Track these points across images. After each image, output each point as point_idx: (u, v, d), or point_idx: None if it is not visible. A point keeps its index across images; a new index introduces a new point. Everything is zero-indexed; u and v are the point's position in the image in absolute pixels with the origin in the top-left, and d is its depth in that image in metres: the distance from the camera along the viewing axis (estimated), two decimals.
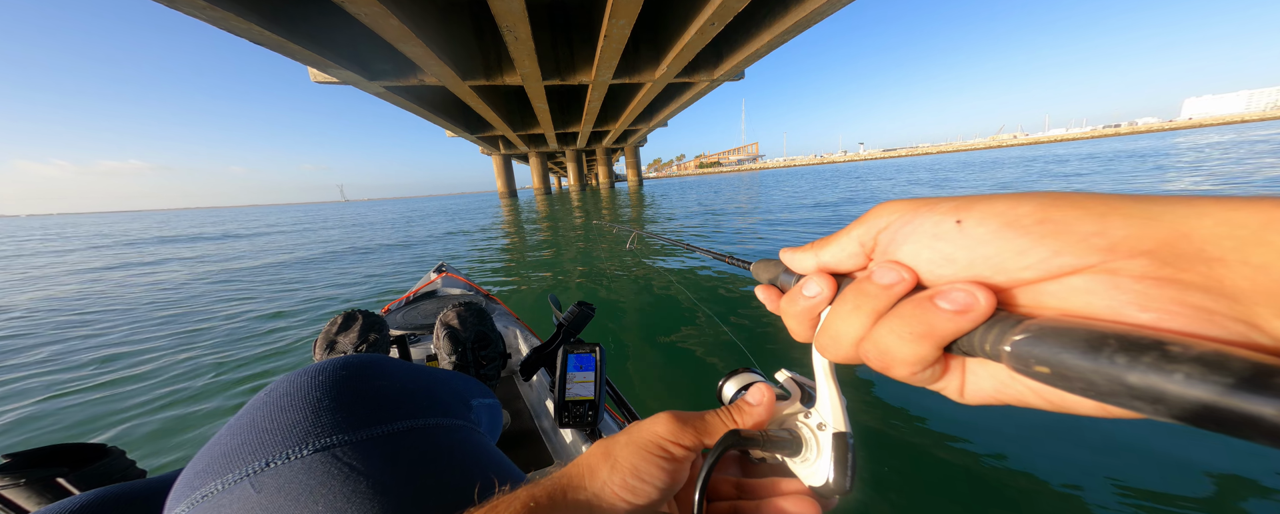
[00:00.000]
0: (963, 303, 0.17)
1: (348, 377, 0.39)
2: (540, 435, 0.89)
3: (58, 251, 10.87)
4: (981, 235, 0.17)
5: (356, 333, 0.89)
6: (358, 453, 0.33)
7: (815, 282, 0.22)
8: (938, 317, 0.17)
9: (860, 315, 0.20)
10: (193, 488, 0.31)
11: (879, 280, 0.19)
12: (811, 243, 0.23)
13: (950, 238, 0.18)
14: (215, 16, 5.68)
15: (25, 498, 0.50)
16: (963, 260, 0.17)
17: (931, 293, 0.18)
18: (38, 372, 2.57)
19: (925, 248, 0.18)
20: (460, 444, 0.40)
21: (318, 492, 0.30)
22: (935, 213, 0.18)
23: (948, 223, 0.18)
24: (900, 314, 0.18)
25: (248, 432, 0.34)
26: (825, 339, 0.22)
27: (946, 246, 0.18)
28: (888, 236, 0.20)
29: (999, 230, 0.16)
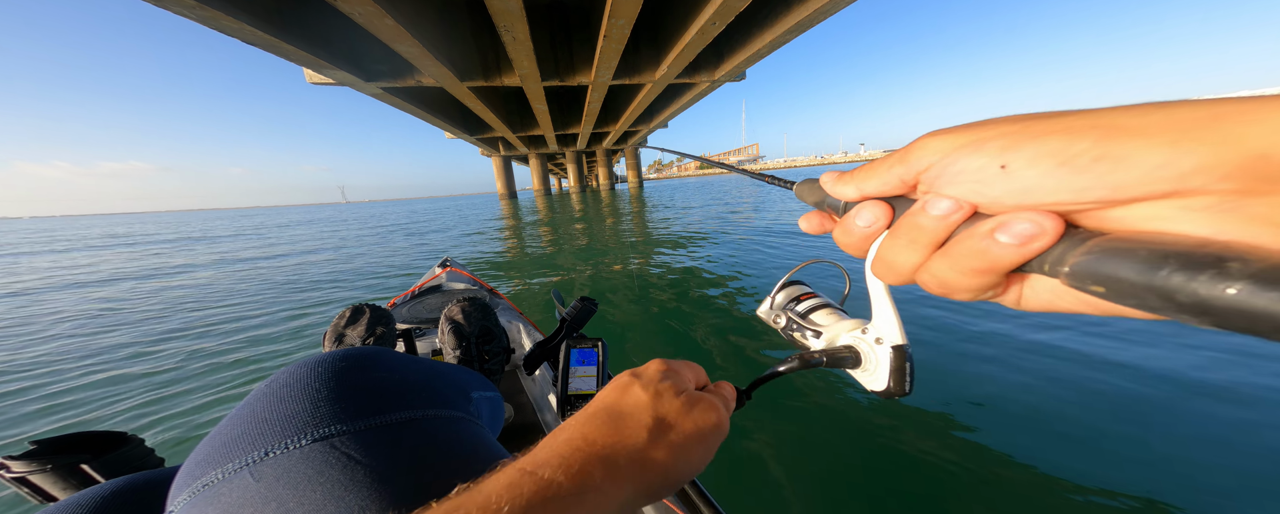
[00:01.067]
0: (1027, 234, 0.16)
1: (347, 368, 0.39)
2: (543, 429, 0.90)
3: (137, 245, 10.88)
4: (1032, 178, 0.16)
5: (364, 326, 0.90)
6: (356, 443, 0.33)
7: (869, 210, 0.22)
8: (1000, 250, 0.17)
9: (916, 248, 0.20)
10: (194, 477, 0.32)
11: (933, 211, 0.19)
12: (853, 171, 0.23)
13: (997, 182, 0.17)
14: (205, 16, 5.57)
15: (51, 483, 0.51)
16: (1014, 200, 0.17)
17: (992, 226, 0.17)
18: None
19: (971, 192, 0.18)
20: (459, 436, 0.40)
21: (316, 481, 0.30)
22: (980, 154, 0.17)
23: (992, 168, 0.17)
24: (959, 247, 0.18)
25: (248, 422, 0.34)
26: (880, 267, 0.22)
27: (995, 190, 0.17)
28: (931, 177, 0.19)
29: (1052, 171, 0.15)
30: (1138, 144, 0.14)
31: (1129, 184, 0.14)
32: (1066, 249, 0.15)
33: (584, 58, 10.68)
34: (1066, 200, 0.15)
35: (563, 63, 10.79)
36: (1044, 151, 0.15)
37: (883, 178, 0.21)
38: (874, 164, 0.21)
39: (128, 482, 0.44)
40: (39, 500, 0.52)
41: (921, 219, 0.19)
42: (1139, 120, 0.14)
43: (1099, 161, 0.14)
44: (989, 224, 0.17)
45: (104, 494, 0.41)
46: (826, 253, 3.74)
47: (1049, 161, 0.15)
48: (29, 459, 0.51)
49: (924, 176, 0.19)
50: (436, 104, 15.02)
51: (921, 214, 0.19)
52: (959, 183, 0.18)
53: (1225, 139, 0.13)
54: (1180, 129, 0.13)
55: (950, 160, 0.18)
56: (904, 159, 0.20)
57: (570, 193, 39.93)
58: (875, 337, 0.27)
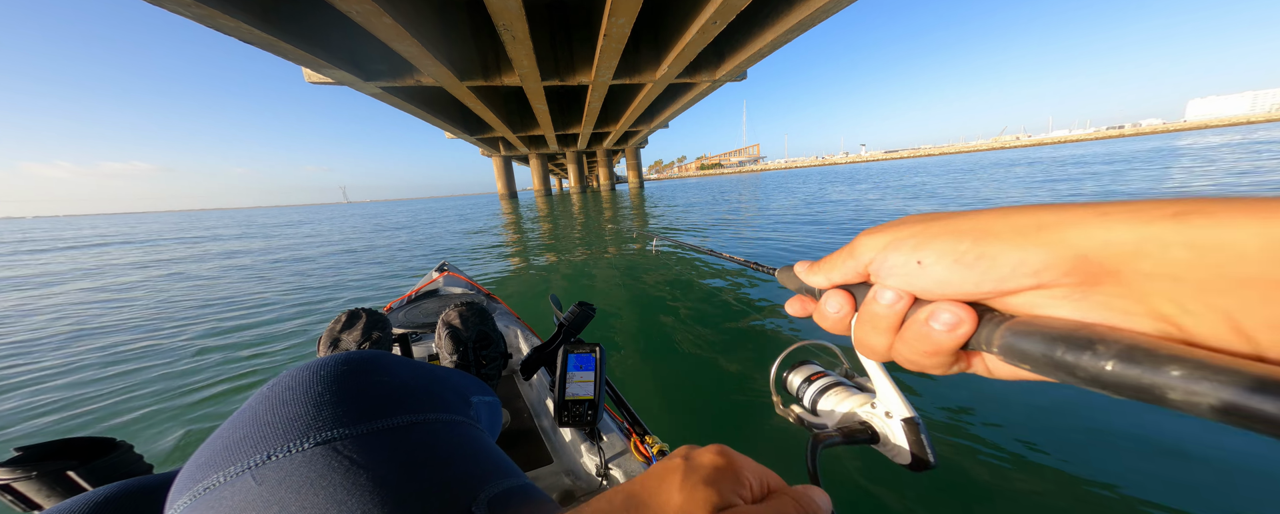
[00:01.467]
0: (950, 322, 0.19)
1: (349, 372, 0.39)
2: (540, 434, 0.89)
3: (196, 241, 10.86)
4: (941, 272, 0.19)
5: (360, 331, 0.89)
6: (358, 446, 0.33)
7: (834, 300, 0.25)
8: (937, 335, 0.20)
9: (878, 333, 0.23)
10: (195, 480, 0.32)
11: (881, 301, 0.22)
12: (821, 262, 0.26)
13: (920, 275, 0.20)
14: (202, 14, 5.52)
15: (35, 491, 0.50)
16: (937, 288, 0.20)
17: (926, 314, 0.20)
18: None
19: (904, 280, 0.21)
20: (460, 440, 0.40)
21: (318, 484, 0.30)
22: (901, 253, 0.21)
23: (912, 264, 0.20)
24: (909, 332, 0.21)
25: (249, 425, 0.34)
26: (860, 348, 0.25)
27: (920, 280, 0.20)
28: (875, 269, 0.23)
29: (952, 266, 0.19)
30: (1000, 246, 0.17)
31: (1005, 278, 0.17)
32: (990, 332, 0.18)
33: (584, 57, 10.63)
34: (970, 291, 0.19)
35: (563, 62, 10.74)
36: (942, 250, 0.19)
37: (841, 269, 0.24)
38: (834, 257, 0.25)
39: (120, 488, 0.43)
40: (22, 509, 0.51)
41: (874, 307, 0.22)
42: (998, 224, 0.18)
43: (980, 260, 0.18)
44: (924, 312, 0.20)
45: (95, 502, 0.40)
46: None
47: (947, 259, 0.19)
48: (13, 466, 0.50)
49: (870, 268, 0.23)
50: (436, 104, 14.97)
51: (873, 303, 0.22)
52: (895, 275, 0.21)
53: (1051, 242, 0.16)
54: (1022, 234, 0.17)
55: (883, 257, 0.22)
56: (852, 254, 0.24)
57: (571, 193, 39.95)
58: (884, 410, 0.27)
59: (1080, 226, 0.16)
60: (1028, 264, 0.17)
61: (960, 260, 0.19)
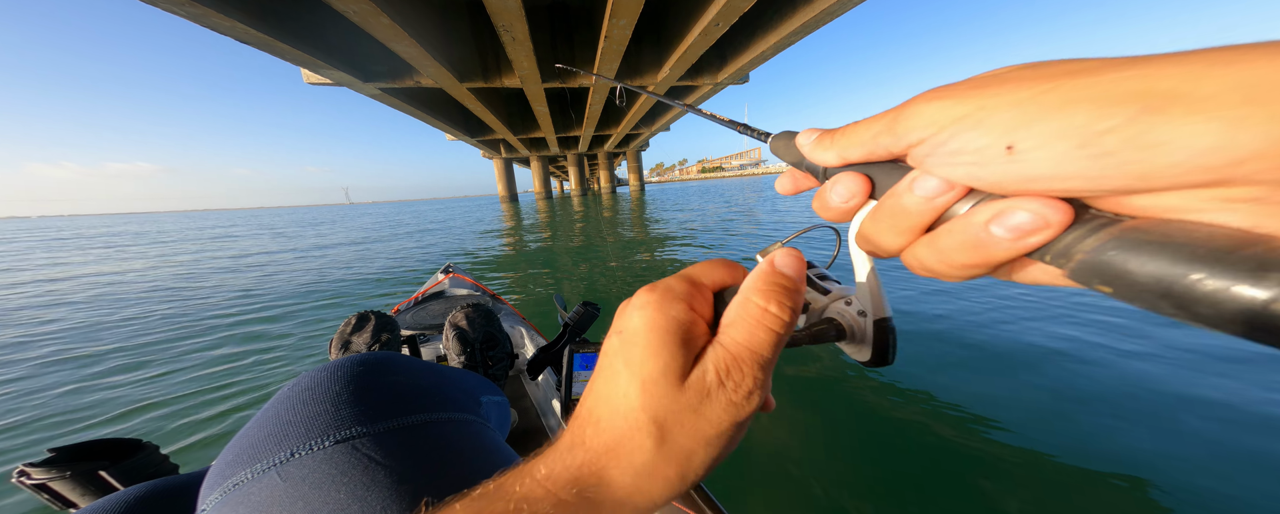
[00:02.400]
0: (1026, 228, 0.14)
1: (365, 372, 0.40)
2: (547, 434, 0.90)
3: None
4: (1042, 162, 0.13)
5: (370, 333, 0.91)
6: (376, 444, 0.34)
7: (845, 184, 0.19)
8: (994, 244, 0.15)
9: (898, 231, 0.18)
10: (224, 477, 0.33)
11: (919, 192, 0.16)
12: (835, 132, 0.20)
13: (998, 164, 0.14)
14: (196, 13, 5.44)
15: (71, 490, 0.51)
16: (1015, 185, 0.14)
17: (988, 216, 0.15)
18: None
19: (966, 174, 0.15)
20: (473, 438, 0.41)
21: (340, 481, 0.31)
22: (983, 130, 0.14)
23: (995, 149, 0.14)
24: (948, 236, 0.16)
25: (273, 424, 0.35)
26: (863, 242, 0.20)
27: (994, 173, 0.14)
28: (922, 153, 0.16)
29: (1067, 154, 0.12)
30: (1188, 123, 0.11)
31: (1161, 172, 0.11)
32: (1074, 241, 0.13)
33: (585, 59, 10.55)
34: (1079, 188, 0.13)
35: (564, 63, 10.65)
36: (1064, 128, 0.12)
37: (867, 145, 0.18)
38: (859, 126, 0.18)
39: (151, 488, 0.44)
40: (59, 507, 0.52)
41: (906, 200, 0.17)
42: (1197, 85, 0.11)
43: (1128, 145, 0.11)
44: (984, 213, 0.15)
45: (129, 500, 0.42)
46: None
47: (1066, 142, 0.12)
48: (49, 466, 0.52)
49: (914, 151, 0.16)
50: (437, 105, 14.91)
51: (907, 194, 0.17)
52: (954, 164, 0.15)
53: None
54: (1254, 98, 0.10)
55: (947, 136, 0.15)
56: (892, 128, 0.17)
57: (572, 195, 40.00)
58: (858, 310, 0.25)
59: None
60: (1231, 149, 0.10)
61: (1092, 143, 0.12)
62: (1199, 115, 0.10)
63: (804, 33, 8.90)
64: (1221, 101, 0.10)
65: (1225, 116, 0.10)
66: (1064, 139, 0.12)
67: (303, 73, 9.13)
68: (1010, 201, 0.14)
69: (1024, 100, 0.13)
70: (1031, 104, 0.13)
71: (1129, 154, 0.11)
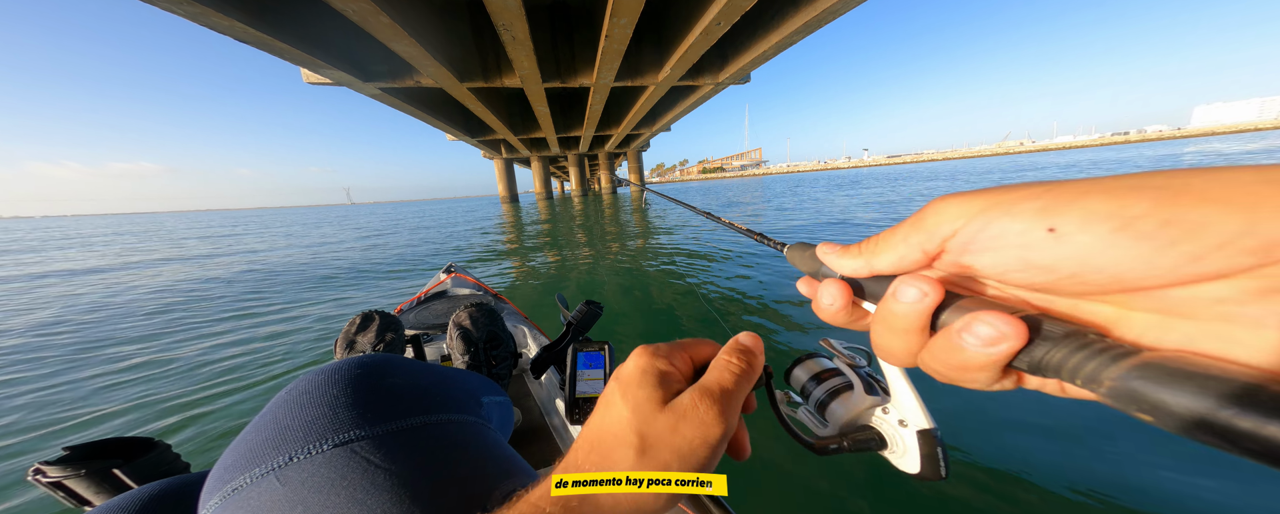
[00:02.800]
0: (987, 338, 0.15)
1: (363, 375, 0.40)
2: (551, 432, 0.90)
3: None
4: (1089, 243, 0.13)
5: (374, 332, 0.91)
6: (375, 447, 0.34)
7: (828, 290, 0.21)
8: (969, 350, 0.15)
9: (896, 336, 0.18)
10: (224, 482, 0.33)
11: (902, 298, 0.17)
12: (862, 243, 0.21)
13: (1043, 248, 0.14)
14: (193, 12, 5.40)
15: (85, 488, 0.52)
16: (1067, 267, 0.14)
17: (961, 325, 0.16)
18: None
19: (1013, 260, 0.15)
20: (473, 439, 0.41)
21: (339, 484, 0.31)
22: (1018, 216, 0.14)
23: (1037, 231, 0.14)
24: (936, 342, 0.17)
25: (271, 428, 0.35)
26: (877, 351, 0.21)
27: (1040, 258, 0.14)
28: (959, 243, 0.16)
29: (1109, 237, 0.13)
30: (1213, 211, 0.12)
31: (1205, 254, 0.12)
32: (1099, 365, 0.13)
33: (586, 59, 10.51)
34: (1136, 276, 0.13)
35: (564, 64, 10.62)
36: (1096, 213, 0.13)
37: (898, 251, 0.18)
38: (886, 236, 0.19)
39: (164, 486, 0.44)
40: (73, 504, 0.53)
41: (893, 306, 0.18)
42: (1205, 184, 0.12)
43: (1167, 227, 0.12)
44: (959, 324, 0.16)
45: (143, 498, 0.42)
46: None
47: (1104, 225, 0.13)
48: (63, 464, 0.52)
49: (951, 244, 0.16)
50: (437, 105, 14.89)
51: (892, 301, 0.18)
52: (999, 248, 0.15)
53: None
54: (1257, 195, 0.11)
55: (981, 223, 0.15)
56: (920, 225, 0.17)
57: (572, 195, 39.97)
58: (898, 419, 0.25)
59: None
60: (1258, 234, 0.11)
61: (1130, 226, 0.12)
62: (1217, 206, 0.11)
63: (806, 32, 8.84)
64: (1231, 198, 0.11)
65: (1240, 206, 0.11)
66: (1100, 222, 0.13)
67: (302, 72, 9.10)
68: (973, 314, 0.15)
69: (1040, 193, 0.14)
70: (1049, 195, 0.14)
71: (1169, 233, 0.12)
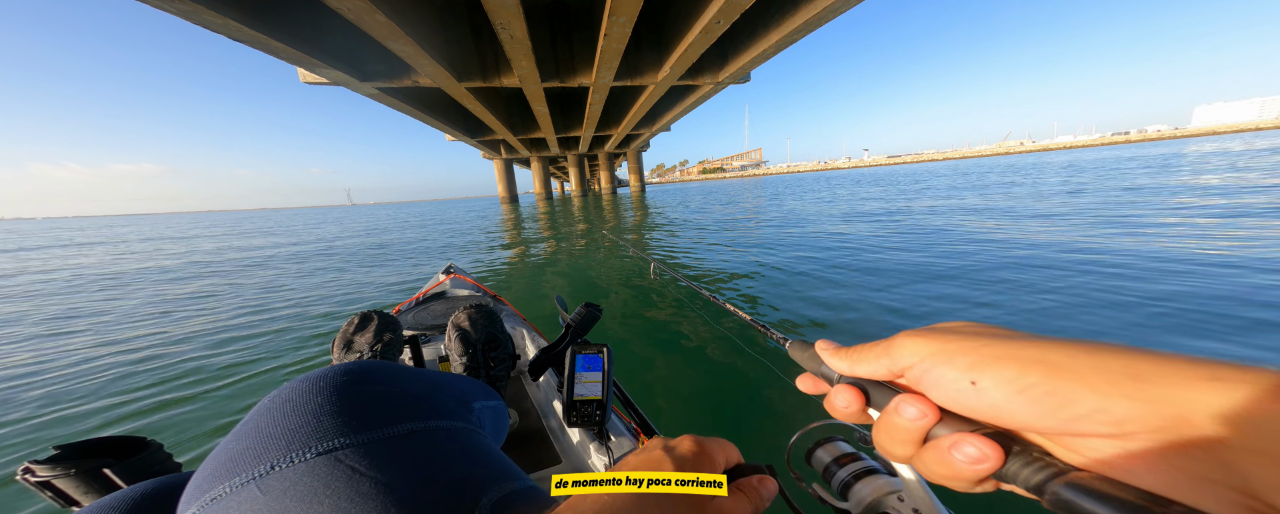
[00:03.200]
0: (973, 458, 0.18)
1: (348, 382, 0.40)
2: (548, 435, 0.90)
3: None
4: (999, 399, 0.18)
5: (372, 333, 0.91)
6: (360, 455, 0.34)
7: (842, 396, 0.25)
8: (957, 465, 0.19)
9: (896, 443, 0.22)
10: (202, 491, 0.33)
11: (904, 415, 0.21)
12: (850, 350, 0.26)
13: (971, 396, 0.19)
14: (185, 10, 5.34)
15: (74, 488, 0.51)
16: (985, 412, 0.19)
17: (950, 442, 0.19)
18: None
19: (949, 397, 0.20)
20: (462, 446, 0.41)
21: (322, 494, 0.31)
22: (952, 369, 0.19)
23: (963, 382, 0.19)
24: (930, 453, 0.20)
25: (253, 437, 0.35)
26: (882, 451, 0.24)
27: (968, 401, 0.19)
28: (914, 376, 0.21)
29: (1012, 397, 0.17)
30: (1078, 388, 0.16)
31: (1077, 420, 0.16)
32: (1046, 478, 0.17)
33: (585, 58, 10.44)
34: (1032, 425, 0.17)
35: (563, 63, 10.56)
36: (1003, 377, 0.18)
37: (872, 365, 0.24)
38: (865, 349, 0.24)
39: (154, 486, 0.44)
40: (61, 504, 0.52)
41: (895, 419, 0.21)
42: (1078, 361, 0.16)
43: (1050, 397, 0.16)
44: (947, 441, 0.19)
45: (133, 499, 0.41)
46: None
47: (1009, 388, 0.17)
48: (53, 463, 0.51)
49: (909, 373, 0.22)
50: (436, 105, 14.82)
51: (895, 414, 0.21)
52: (941, 388, 0.20)
53: (1148, 398, 0.15)
54: (1110, 380, 0.15)
55: (928, 365, 0.20)
56: (888, 353, 0.23)
57: (572, 196, 39.94)
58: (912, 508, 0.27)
59: (1187, 387, 0.14)
60: (1110, 413, 0.15)
61: (1024, 393, 0.17)
62: (1081, 385, 0.16)
63: (806, 30, 8.77)
64: (1092, 379, 0.15)
65: (1097, 389, 0.15)
66: (1006, 385, 0.17)
67: (299, 72, 9.04)
68: (960, 435, 0.19)
69: (971, 351, 0.19)
70: (975, 354, 0.19)
71: (1049, 403, 0.16)
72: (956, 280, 3.21)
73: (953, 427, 0.19)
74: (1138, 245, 3.82)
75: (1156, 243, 3.85)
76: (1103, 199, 7.41)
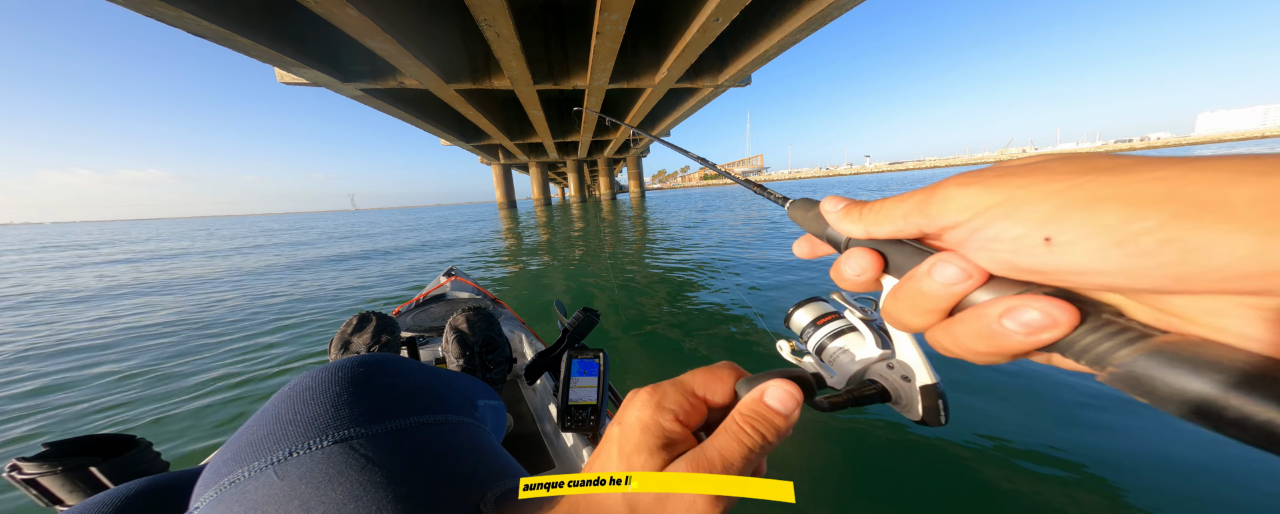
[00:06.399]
0: (1036, 325, 0.14)
1: (365, 374, 0.41)
2: (542, 439, 0.90)
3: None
4: (1081, 257, 0.13)
5: (370, 334, 0.92)
6: (373, 445, 0.35)
7: (858, 259, 0.20)
8: (1006, 336, 0.15)
9: (918, 313, 0.18)
10: (221, 474, 0.33)
11: (939, 278, 0.17)
12: (864, 206, 0.21)
13: (1037, 255, 0.14)
14: (136, 2, 4.92)
15: (59, 486, 0.51)
16: (1054, 274, 0.14)
17: (1001, 310, 0.15)
18: None
19: (1000, 259, 0.15)
20: (468, 440, 0.41)
21: (336, 480, 0.32)
22: (1016, 222, 0.14)
23: (1032, 239, 0.14)
24: (965, 323, 0.16)
25: (272, 423, 0.36)
26: (886, 318, 0.20)
27: (1030, 261, 0.14)
28: (958, 237, 0.16)
29: (1106, 251, 0.13)
30: (1220, 232, 0.11)
31: (1201, 276, 0.11)
32: (1109, 349, 0.13)
33: (579, 60, 10.04)
34: (1119, 284, 0.13)
35: (557, 65, 10.15)
36: (1098, 225, 0.13)
37: (897, 224, 0.19)
38: (889, 204, 0.19)
39: (141, 485, 0.44)
40: (45, 503, 0.52)
41: (925, 285, 0.17)
42: (1223, 193, 0.11)
43: (1166, 246, 0.12)
44: (998, 307, 0.15)
45: (120, 498, 0.42)
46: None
47: (1103, 239, 0.13)
48: (40, 461, 0.51)
49: (949, 234, 0.17)
50: (427, 108, 14.43)
51: (925, 279, 0.17)
52: (992, 250, 0.15)
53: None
54: (1275, 214, 0.11)
55: (982, 222, 0.15)
56: (925, 208, 0.17)
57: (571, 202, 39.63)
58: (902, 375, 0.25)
59: None
60: (1266, 260, 0.11)
61: (1129, 242, 0.12)
62: (1233, 224, 0.11)
63: (807, 30, 8.34)
64: (1251, 215, 0.11)
65: (1256, 228, 0.10)
66: (1102, 236, 0.12)
67: (276, 72, 8.64)
68: (1021, 298, 0.15)
69: (1052, 193, 0.13)
70: (1060, 198, 0.13)
71: (1168, 256, 0.11)
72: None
73: (999, 290, 0.16)
74: None
75: None
76: None
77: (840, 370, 0.28)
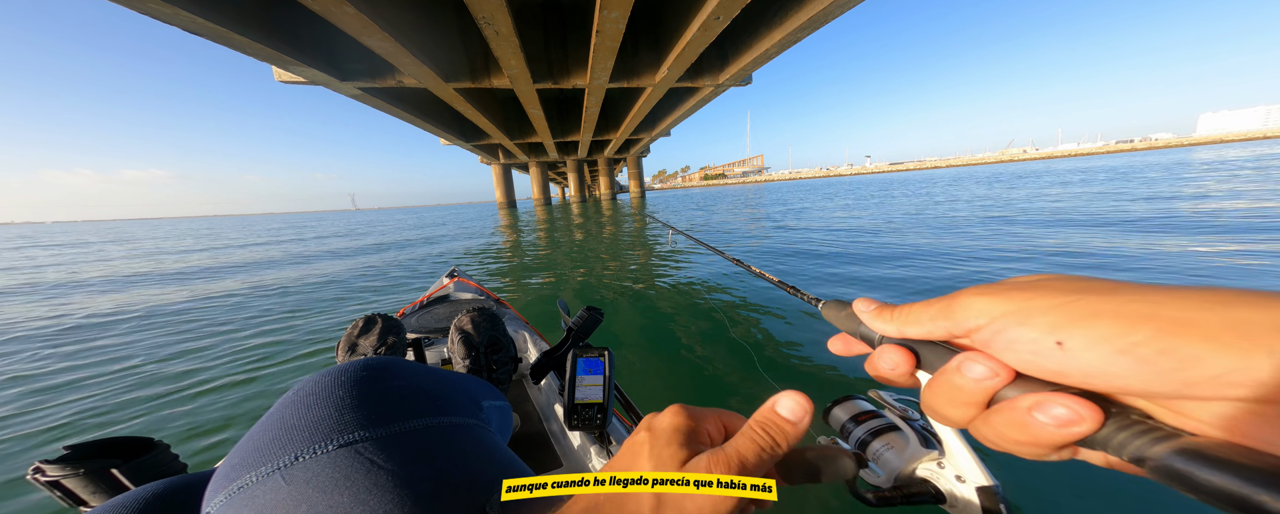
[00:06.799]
0: (1064, 420, 0.16)
1: (369, 377, 0.41)
2: (549, 438, 0.91)
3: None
4: (1093, 361, 0.15)
5: (376, 336, 0.93)
6: (379, 448, 0.35)
7: (891, 356, 0.22)
8: (1038, 428, 0.16)
9: (954, 406, 0.19)
10: (229, 480, 0.34)
11: (969, 374, 0.18)
12: (898, 309, 0.23)
13: (1055, 357, 0.16)
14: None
15: (82, 488, 0.52)
16: (1074, 375, 0.16)
17: (1031, 403, 0.16)
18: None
19: (1025, 359, 0.17)
20: (473, 442, 0.42)
21: (343, 484, 0.32)
22: (1031, 329, 0.16)
23: (1046, 343, 0.16)
24: (1000, 415, 0.17)
25: (278, 428, 0.36)
26: (928, 413, 0.22)
27: (1051, 363, 0.16)
28: (982, 339, 0.18)
29: (1111, 358, 0.14)
30: (1204, 346, 0.13)
31: (1198, 384, 0.13)
32: (1146, 443, 0.14)
33: (579, 59, 9.99)
34: (1137, 388, 0.15)
35: (557, 64, 10.10)
36: (1100, 335, 0.15)
37: (926, 326, 0.21)
38: (917, 308, 0.22)
39: (161, 487, 0.45)
40: (70, 504, 0.53)
41: (956, 380, 0.19)
42: (1201, 315, 0.13)
43: (1164, 356, 0.13)
44: (1027, 400, 0.17)
45: (142, 499, 0.42)
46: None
47: (1106, 347, 0.15)
48: (63, 463, 0.52)
49: (975, 336, 0.19)
50: (426, 108, 14.38)
51: (957, 374, 0.19)
52: (1015, 351, 0.17)
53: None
54: (1246, 335, 0.12)
55: (1000, 326, 0.17)
56: (949, 314, 0.20)
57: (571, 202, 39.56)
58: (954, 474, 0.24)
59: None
60: (1248, 374, 0.12)
61: (1130, 352, 0.14)
62: (1213, 344, 0.13)
63: (809, 29, 8.28)
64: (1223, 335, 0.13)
65: (1230, 347, 0.12)
66: (1103, 344, 0.14)
67: (273, 70, 8.59)
68: (1048, 394, 0.16)
69: (1055, 307, 0.16)
70: (1063, 311, 0.16)
71: (1167, 364, 0.13)
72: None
73: (1029, 388, 0.17)
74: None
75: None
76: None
77: (885, 467, 0.27)
